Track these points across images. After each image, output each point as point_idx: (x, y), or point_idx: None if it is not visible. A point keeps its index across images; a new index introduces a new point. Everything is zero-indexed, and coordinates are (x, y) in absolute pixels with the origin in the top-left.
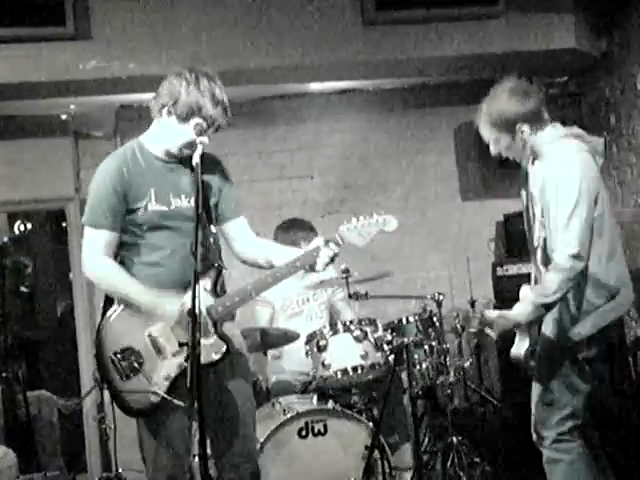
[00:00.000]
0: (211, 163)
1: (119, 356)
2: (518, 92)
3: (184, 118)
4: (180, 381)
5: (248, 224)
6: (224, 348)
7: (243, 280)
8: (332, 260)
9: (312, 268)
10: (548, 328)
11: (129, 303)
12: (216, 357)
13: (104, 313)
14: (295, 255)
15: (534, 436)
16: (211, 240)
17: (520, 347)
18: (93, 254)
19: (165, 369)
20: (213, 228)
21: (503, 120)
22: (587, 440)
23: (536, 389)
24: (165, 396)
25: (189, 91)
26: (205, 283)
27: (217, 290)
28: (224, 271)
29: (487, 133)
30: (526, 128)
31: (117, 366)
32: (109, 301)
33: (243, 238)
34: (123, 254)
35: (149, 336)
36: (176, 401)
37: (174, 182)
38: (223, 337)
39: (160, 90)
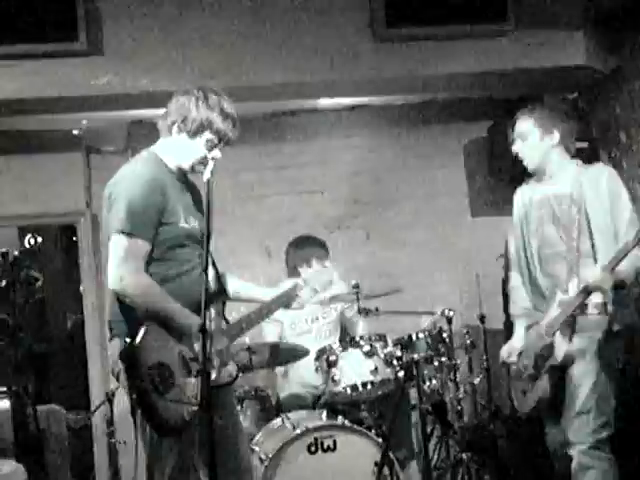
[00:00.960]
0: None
1: (155, 370)
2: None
3: (195, 134)
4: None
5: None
6: (235, 370)
7: None
8: (297, 304)
9: (286, 305)
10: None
11: (161, 320)
12: (230, 379)
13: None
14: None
15: (567, 443)
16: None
17: (560, 348)
18: (132, 267)
19: (192, 388)
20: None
21: (551, 121)
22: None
23: (575, 397)
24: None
25: (198, 107)
26: (217, 307)
27: (225, 316)
28: None
29: (524, 126)
30: (558, 136)
31: (153, 381)
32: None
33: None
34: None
35: (179, 354)
36: (217, 419)
37: (187, 201)
38: (234, 360)
39: (169, 108)
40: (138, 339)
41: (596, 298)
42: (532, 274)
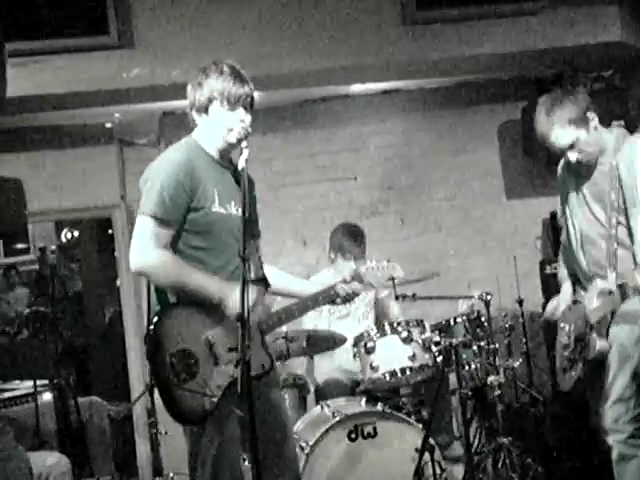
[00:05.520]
0: (250, 180)
1: (176, 358)
2: (569, 94)
3: (231, 103)
4: (231, 389)
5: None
6: (269, 362)
7: None
8: (350, 299)
9: (332, 302)
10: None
11: (189, 295)
12: (264, 370)
13: (158, 311)
14: (307, 291)
15: (605, 432)
16: (259, 254)
17: (594, 344)
18: (149, 246)
19: (219, 377)
20: (259, 242)
21: (582, 108)
22: None
23: (613, 386)
24: (217, 402)
25: (220, 79)
26: (257, 296)
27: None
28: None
29: (566, 138)
30: (594, 116)
31: (174, 368)
32: (162, 299)
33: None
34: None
35: (206, 340)
36: (237, 411)
37: (229, 186)
38: (268, 351)
39: (188, 96)
40: (155, 325)
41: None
42: (574, 249)
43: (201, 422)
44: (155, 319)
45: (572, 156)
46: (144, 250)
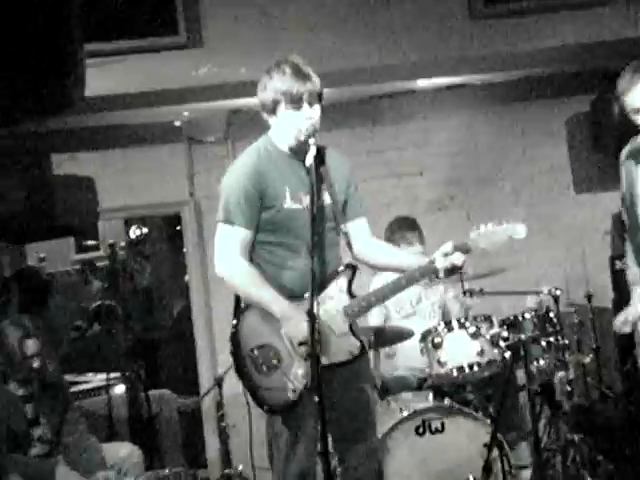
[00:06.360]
0: (341, 162)
1: (257, 352)
2: None
3: (295, 103)
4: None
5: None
6: (358, 347)
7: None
8: (454, 271)
9: (436, 276)
10: None
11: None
12: (351, 356)
13: (238, 310)
14: (416, 264)
15: None
16: (345, 240)
17: None
18: (228, 252)
19: (302, 369)
20: (344, 227)
21: None
22: None
23: None
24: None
25: (282, 80)
26: (341, 283)
27: (351, 290)
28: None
29: None
30: None
31: (255, 362)
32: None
33: (363, 238)
34: (254, 254)
35: (286, 335)
36: (315, 398)
37: (303, 180)
38: (357, 336)
39: (259, 97)
40: (236, 322)
41: None
42: (638, 243)
43: (286, 411)
44: (238, 317)
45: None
46: (223, 257)
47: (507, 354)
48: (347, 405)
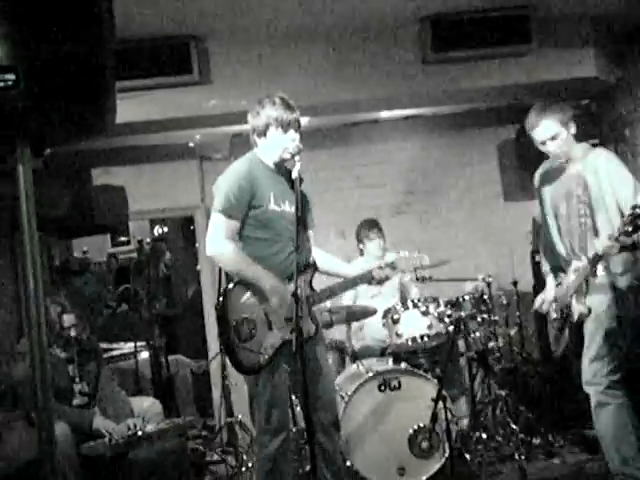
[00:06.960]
0: (307, 184)
1: (238, 324)
2: (559, 102)
3: (284, 127)
4: (282, 349)
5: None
6: (314, 328)
7: None
8: (384, 281)
9: (369, 283)
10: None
11: (248, 282)
12: (311, 334)
13: (226, 288)
14: (351, 273)
15: (585, 384)
16: (310, 243)
17: (575, 309)
18: (221, 237)
19: (272, 339)
20: (310, 232)
21: (568, 116)
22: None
23: (590, 347)
24: (270, 358)
25: (273, 108)
26: (305, 277)
27: (312, 285)
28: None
29: (551, 129)
30: (574, 126)
31: (238, 331)
32: (228, 280)
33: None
34: (240, 246)
35: (263, 311)
36: (285, 366)
37: (282, 190)
38: (314, 320)
39: (250, 123)
40: (223, 298)
41: (602, 264)
42: (555, 241)
43: (256, 373)
44: (223, 294)
45: (552, 146)
46: (215, 240)
47: (450, 328)
48: (309, 367)
